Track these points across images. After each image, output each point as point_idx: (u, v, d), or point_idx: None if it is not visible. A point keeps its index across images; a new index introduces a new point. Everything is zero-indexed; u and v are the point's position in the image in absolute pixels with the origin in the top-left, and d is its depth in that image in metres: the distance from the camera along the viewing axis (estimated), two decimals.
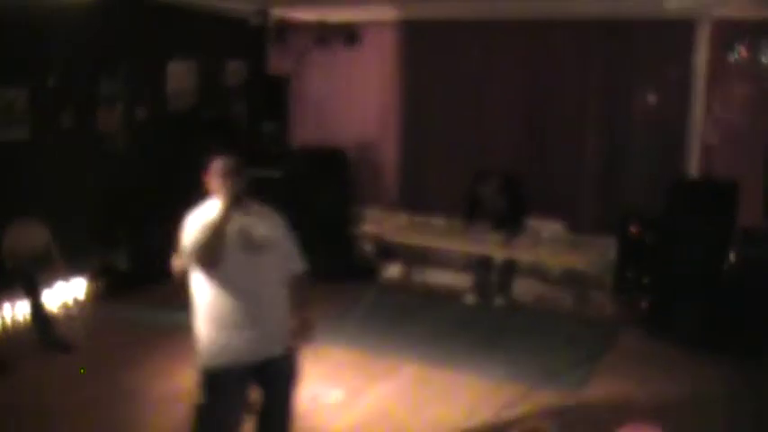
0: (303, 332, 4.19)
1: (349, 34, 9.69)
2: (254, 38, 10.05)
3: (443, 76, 9.48)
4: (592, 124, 8.78)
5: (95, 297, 7.76)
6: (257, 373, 3.99)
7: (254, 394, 4.12)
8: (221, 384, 3.93)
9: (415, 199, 9.84)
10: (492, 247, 7.45)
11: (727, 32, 7.83)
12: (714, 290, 6.91)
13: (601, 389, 6.10)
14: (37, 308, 6.63)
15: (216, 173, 3.94)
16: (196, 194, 4.05)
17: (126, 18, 8.27)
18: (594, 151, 8.80)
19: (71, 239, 7.32)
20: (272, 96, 9.64)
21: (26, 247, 7.01)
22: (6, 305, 6.87)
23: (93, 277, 7.82)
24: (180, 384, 5.65)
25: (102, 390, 5.79)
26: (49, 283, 7.15)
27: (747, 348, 6.71)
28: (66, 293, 7.49)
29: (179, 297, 4.28)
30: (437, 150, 9.64)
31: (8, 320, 6.77)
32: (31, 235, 7.01)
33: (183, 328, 4.35)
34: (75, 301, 7.56)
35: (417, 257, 8.24)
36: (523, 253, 7.40)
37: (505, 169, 8.24)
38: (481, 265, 8.29)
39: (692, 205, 7.17)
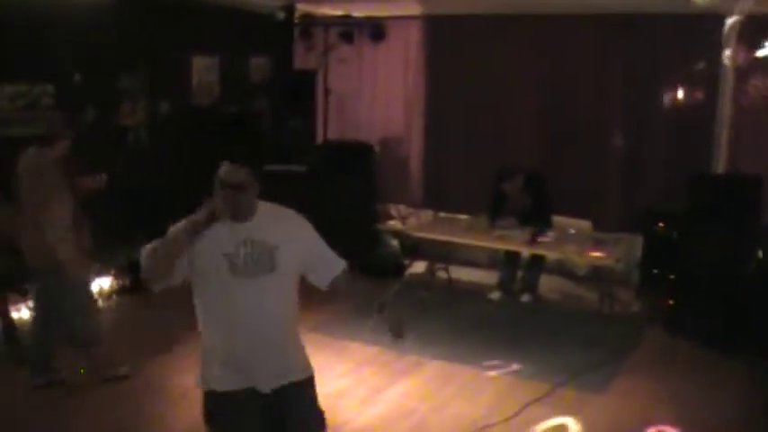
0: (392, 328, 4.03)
1: (374, 29, 9.69)
2: (279, 33, 10.06)
3: (467, 72, 9.45)
4: (616, 120, 8.72)
5: (119, 293, 7.79)
6: (266, 406, 3.46)
7: None
8: (225, 409, 3.45)
9: (439, 195, 9.84)
10: (518, 243, 7.41)
11: (756, 27, 7.73)
12: (739, 288, 6.82)
13: (625, 387, 6.06)
14: None
15: (216, 182, 3.27)
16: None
17: (150, 14, 8.30)
18: (619, 148, 8.75)
19: (95, 235, 7.35)
20: (297, 92, 9.64)
21: None
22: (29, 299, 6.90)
23: (118, 273, 7.85)
24: None
25: (125, 385, 5.82)
26: None
27: None
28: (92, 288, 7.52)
29: None
30: (461, 146, 9.63)
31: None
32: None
33: None
34: (101, 295, 7.59)
35: (442, 254, 8.21)
36: (549, 250, 7.35)
37: (530, 166, 8.20)
38: (507, 262, 8.25)
39: (716, 202, 7.08)
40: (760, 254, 6.94)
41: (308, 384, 3.61)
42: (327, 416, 3.71)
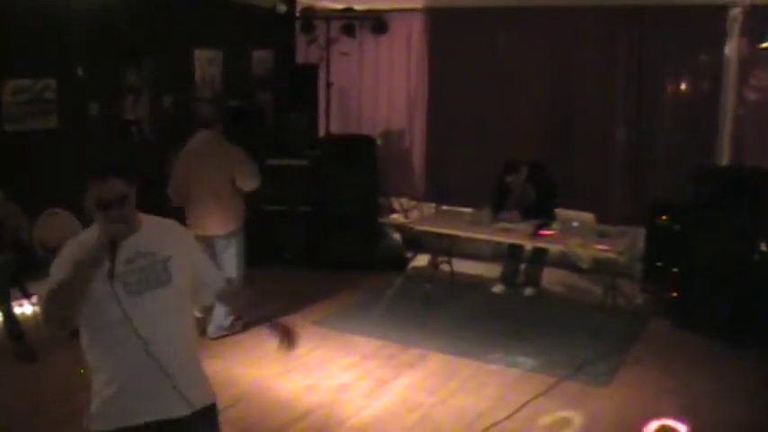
0: (283, 340, 3.37)
1: (376, 22, 9.67)
2: (281, 27, 10.04)
3: (470, 65, 9.45)
4: (620, 112, 8.71)
5: None
6: None
7: None
8: None
9: (441, 188, 9.83)
10: (521, 236, 7.40)
11: (761, 18, 7.72)
12: (743, 280, 6.82)
13: (629, 380, 6.06)
14: None
15: (91, 200, 2.89)
16: None
17: (153, 7, 8.29)
18: (623, 140, 8.74)
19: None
20: (300, 85, 9.62)
21: (56, 237, 7.06)
22: (36, 295, 6.89)
23: None
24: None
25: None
26: None
27: None
28: None
29: None
30: (464, 139, 9.62)
31: (38, 309, 6.80)
32: (61, 225, 7.05)
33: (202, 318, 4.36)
34: None
35: (445, 247, 8.20)
36: (553, 243, 7.34)
37: (534, 159, 8.19)
38: (510, 255, 8.25)
39: (721, 194, 7.07)
40: (763, 246, 6.94)
41: (214, 412, 3.26)
42: (332, 409, 3.69)
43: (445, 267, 8.25)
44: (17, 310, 6.55)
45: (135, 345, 2.92)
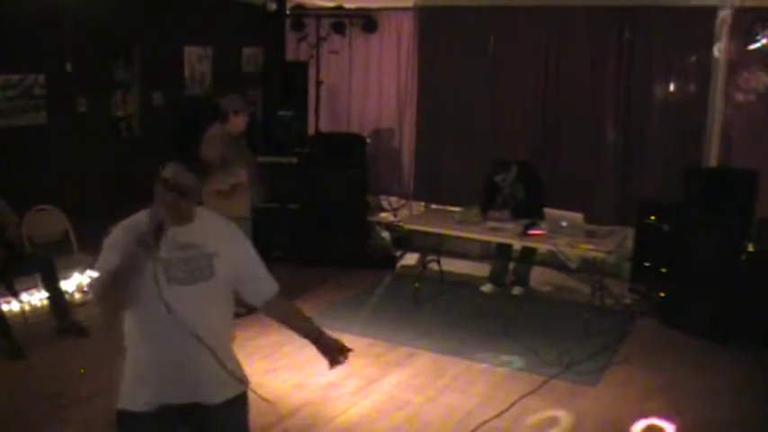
0: (331, 357, 3.40)
1: (366, 21, 9.67)
2: (271, 24, 10.03)
3: (460, 64, 9.45)
4: (609, 112, 8.72)
5: None
6: (185, 421, 3.20)
7: None
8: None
9: (431, 187, 9.84)
10: (510, 236, 7.42)
11: (749, 20, 7.74)
12: (731, 280, 6.85)
13: (617, 379, 6.08)
14: (54, 294, 6.64)
15: (161, 183, 3.05)
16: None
17: (143, 3, 8.28)
18: (612, 140, 8.75)
19: (87, 225, 7.35)
20: (289, 83, 9.61)
21: (44, 232, 7.06)
22: (24, 291, 6.87)
23: None
24: None
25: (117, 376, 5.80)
26: (66, 268, 7.17)
27: (763, 339, 6.67)
28: (82, 279, 7.50)
29: None
30: (453, 138, 9.61)
31: (26, 306, 6.78)
32: (50, 221, 7.04)
33: None
34: (90, 288, 7.57)
35: (434, 246, 8.21)
36: (541, 242, 7.36)
37: (523, 158, 8.21)
38: (499, 254, 8.26)
39: (709, 195, 7.10)
40: (751, 246, 6.97)
41: (242, 401, 3.32)
42: (320, 407, 3.69)
43: (434, 266, 8.26)
44: (5, 308, 6.52)
45: (167, 330, 3.00)
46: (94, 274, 3.00)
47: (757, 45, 7.66)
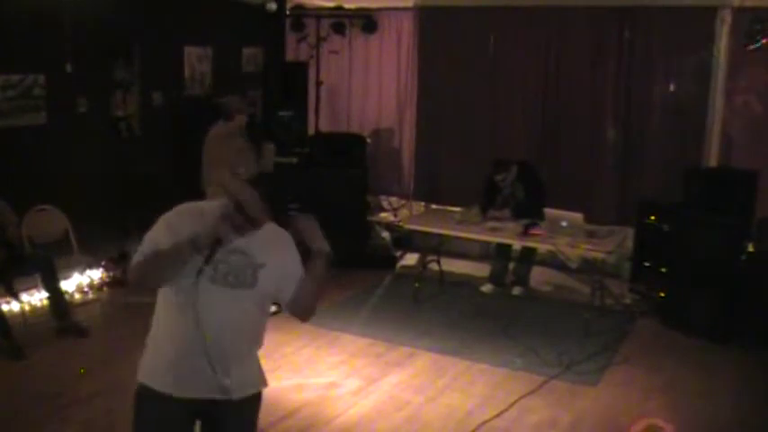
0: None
1: (366, 21, 9.68)
2: (271, 24, 10.02)
3: (460, 64, 9.44)
4: (609, 113, 8.72)
5: (111, 283, 7.76)
6: (199, 412, 3.25)
7: None
8: (151, 409, 3.21)
9: (431, 187, 9.83)
10: (510, 236, 7.41)
11: (749, 21, 7.74)
12: (731, 280, 6.85)
13: (617, 379, 6.08)
14: (54, 294, 6.64)
15: (243, 191, 3.03)
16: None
17: (143, 3, 8.27)
18: (612, 140, 8.74)
19: (87, 225, 7.37)
20: (289, 83, 9.61)
21: (44, 232, 7.05)
22: (24, 291, 6.87)
23: (110, 263, 7.82)
24: None
25: (117, 376, 5.78)
26: (66, 268, 7.17)
27: (763, 339, 6.67)
28: (82, 279, 7.50)
29: None
30: (453, 138, 9.61)
31: (26, 306, 6.78)
32: (50, 221, 7.03)
33: None
34: (92, 287, 7.57)
35: (434, 246, 8.21)
36: (541, 242, 7.35)
37: (523, 158, 8.21)
38: (499, 254, 8.25)
39: (709, 195, 7.10)
40: (750, 246, 6.97)
41: (256, 400, 3.38)
42: (320, 407, 3.68)
43: (434, 266, 8.26)
44: (5, 308, 6.52)
45: (192, 326, 3.04)
46: (143, 243, 3.06)
47: (757, 45, 7.67)
